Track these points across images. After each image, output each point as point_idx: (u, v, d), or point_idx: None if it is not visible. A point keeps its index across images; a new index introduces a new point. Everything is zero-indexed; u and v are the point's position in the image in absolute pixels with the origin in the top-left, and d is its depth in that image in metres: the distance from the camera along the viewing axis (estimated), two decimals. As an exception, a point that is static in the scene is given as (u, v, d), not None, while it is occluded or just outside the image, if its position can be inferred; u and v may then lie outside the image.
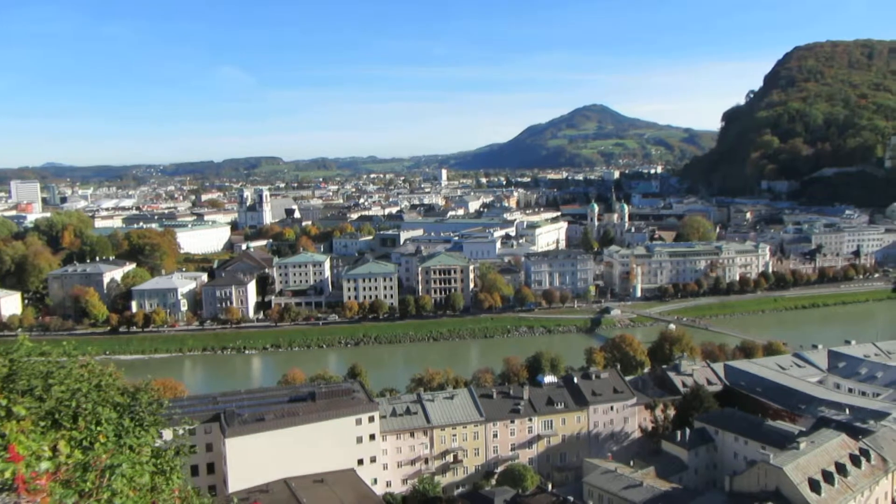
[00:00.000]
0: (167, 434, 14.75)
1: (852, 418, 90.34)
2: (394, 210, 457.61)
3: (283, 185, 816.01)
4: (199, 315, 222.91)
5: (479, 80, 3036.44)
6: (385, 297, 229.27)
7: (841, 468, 73.45)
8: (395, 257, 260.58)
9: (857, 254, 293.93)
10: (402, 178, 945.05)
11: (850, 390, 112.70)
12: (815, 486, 69.40)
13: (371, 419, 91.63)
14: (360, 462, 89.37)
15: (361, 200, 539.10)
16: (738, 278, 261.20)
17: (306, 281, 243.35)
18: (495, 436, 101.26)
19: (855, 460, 75.77)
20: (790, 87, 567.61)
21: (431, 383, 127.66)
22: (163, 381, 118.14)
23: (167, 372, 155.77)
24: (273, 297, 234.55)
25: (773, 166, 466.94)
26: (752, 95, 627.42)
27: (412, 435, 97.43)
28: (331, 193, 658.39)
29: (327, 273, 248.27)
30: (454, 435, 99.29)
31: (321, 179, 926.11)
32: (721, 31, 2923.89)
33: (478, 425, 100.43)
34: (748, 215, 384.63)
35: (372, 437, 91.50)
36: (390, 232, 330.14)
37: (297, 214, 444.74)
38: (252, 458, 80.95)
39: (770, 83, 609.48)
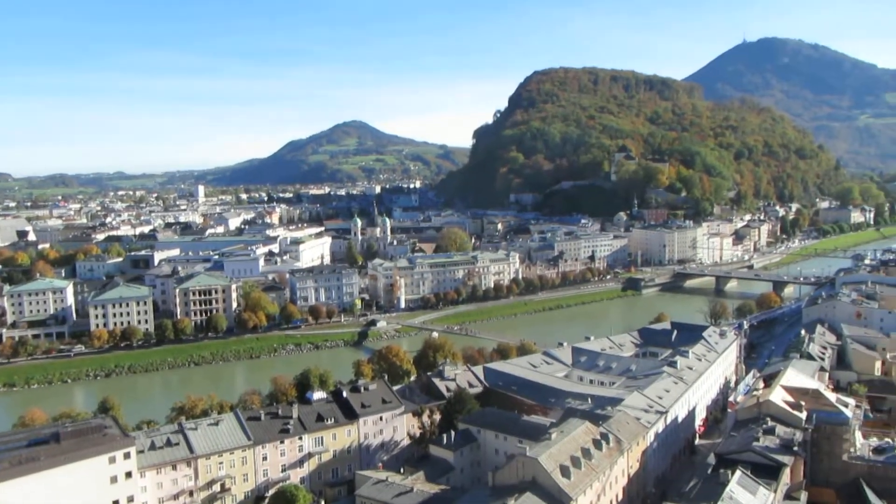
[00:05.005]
0: None
1: (594, 406, 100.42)
2: (146, 229, 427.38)
3: (13, 204, 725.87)
4: None
5: (237, 93, 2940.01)
6: (139, 322, 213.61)
7: (586, 453, 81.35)
8: (149, 279, 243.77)
9: (592, 258, 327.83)
10: (155, 194, 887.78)
11: (592, 381, 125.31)
12: (565, 471, 76.15)
13: (127, 456, 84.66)
14: (116, 503, 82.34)
15: (109, 220, 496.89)
16: (492, 285, 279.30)
17: (45, 310, 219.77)
18: (265, 458, 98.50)
19: (597, 444, 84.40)
20: (531, 107, 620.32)
21: (194, 410, 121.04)
22: None
23: None
24: (4, 330, 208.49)
25: (520, 180, 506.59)
26: (499, 115, 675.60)
27: (174, 468, 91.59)
28: (72, 213, 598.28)
29: (70, 300, 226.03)
30: (221, 462, 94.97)
31: (60, 197, 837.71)
32: (472, 53, 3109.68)
33: (246, 450, 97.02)
34: (499, 226, 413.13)
35: (128, 474, 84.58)
36: (143, 252, 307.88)
37: (31, 236, 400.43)
38: (-17, 515, 71.17)
39: (514, 104, 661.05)
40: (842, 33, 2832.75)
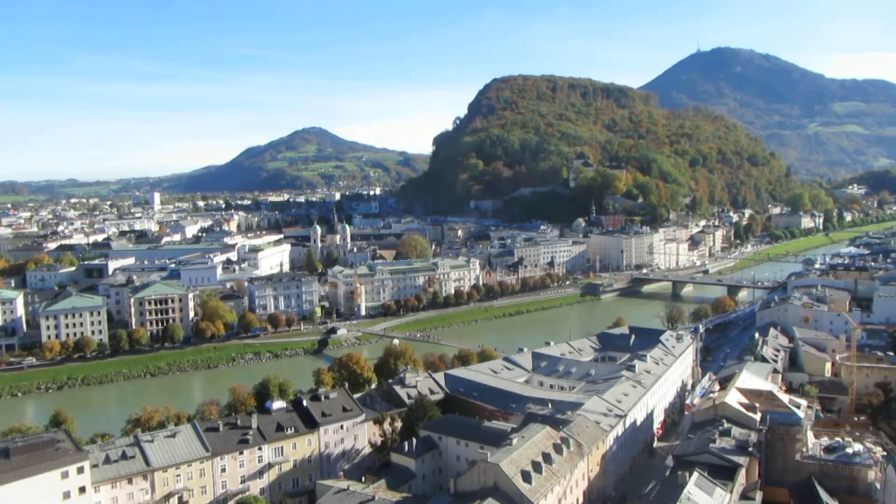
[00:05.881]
0: None
1: (554, 411, 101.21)
2: (100, 238, 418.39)
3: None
4: None
5: (194, 99, 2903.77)
6: (93, 333, 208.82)
7: (547, 457, 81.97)
8: (102, 289, 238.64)
9: (551, 264, 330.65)
10: (109, 202, 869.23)
11: (552, 386, 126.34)
12: (526, 476, 76.62)
13: (80, 470, 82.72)
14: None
15: (61, 228, 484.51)
16: (453, 292, 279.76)
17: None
18: (223, 470, 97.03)
19: (558, 449, 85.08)
20: (491, 114, 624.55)
21: (150, 422, 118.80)
22: None
23: None
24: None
25: (479, 187, 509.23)
26: (458, 121, 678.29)
27: (130, 481, 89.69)
28: (22, 221, 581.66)
29: (20, 311, 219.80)
30: (178, 475, 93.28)
31: (9, 206, 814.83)
32: (431, 60, 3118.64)
33: (204, 461, 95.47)
34: (459, 233, 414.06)
35: (82, 489, 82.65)
36: (97, 262, 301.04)
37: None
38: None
39: (474, 111, 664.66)
40: (791, 44, 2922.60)
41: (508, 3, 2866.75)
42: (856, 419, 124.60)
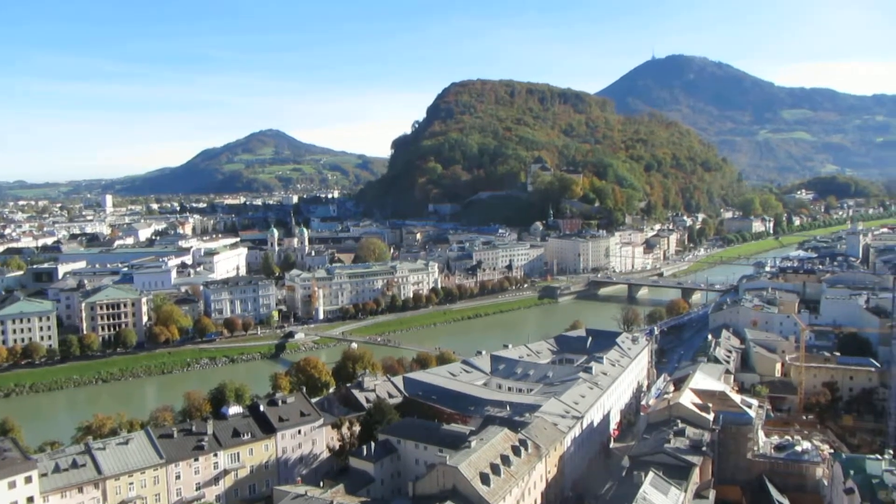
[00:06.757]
0: None
1: (512, 414, 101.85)
2: (50, 241, 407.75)
3: None
4: None
5: (149, 99, 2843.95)
6: (41, 338, 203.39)
7: (505, 459, 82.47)
8: (52, 293, 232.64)
9: (509, 267, 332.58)
10: (59, 205, 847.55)
11: (510, 389, 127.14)
12: (485, 479, 76.98)
13: (28, 480, 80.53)
14: (17, 530, 78.11)
15: (8, 231, 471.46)
16: (412, 295, 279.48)
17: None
18: (178, 477, 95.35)
19: (516, 451, 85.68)
20: (449, 118, 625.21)
21: (102, 430, 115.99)
22: None
23: None
24: None
25: (438, 190, 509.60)
26: (417, 125, 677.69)
27: (80, 490, 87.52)
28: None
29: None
30: (131, 483, 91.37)
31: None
32: (389, 63, 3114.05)
33: (157, 469, 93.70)
34: (418, 236, 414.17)
35: (30, 500, 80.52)
36: (46, 265, 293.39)
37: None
38: None
39: (432, 114, 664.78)
40: (743, 53, 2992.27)
41: (475, 8, 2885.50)
42: (804, 418, 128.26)
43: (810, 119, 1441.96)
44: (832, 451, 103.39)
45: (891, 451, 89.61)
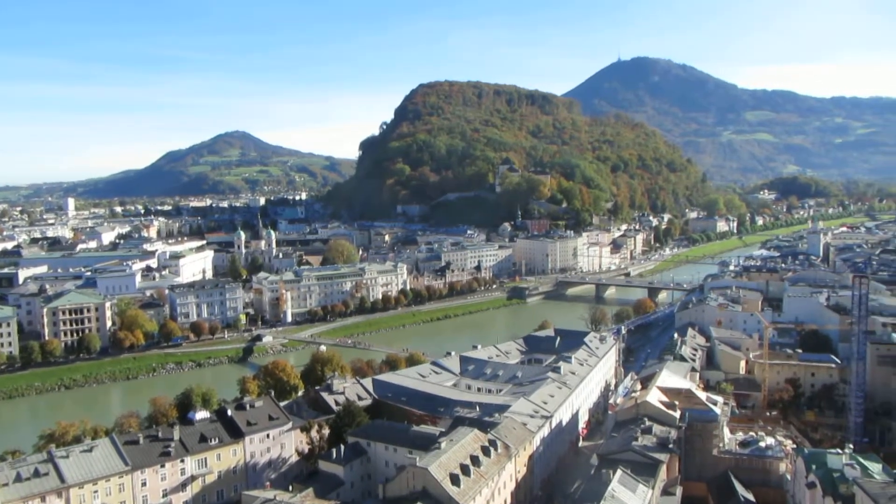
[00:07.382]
0: None
1: (482, 414, 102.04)
2: (10, 245, 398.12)
3: None
4: None
5: (111, 100, 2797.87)
6: (2, 345, 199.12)
7: (475, 460, 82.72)
8: (12, 299, 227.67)
9: (478, 268, 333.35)
10: (19, 208, 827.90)
11: (479, 389, 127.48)
12: (455, 479, 77.12)
13: (-12, 489, 78.89)
14: (-24, 542, 76.39)
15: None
16: (380, 297, 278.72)
17: None
18: (144, 484, 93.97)
19: (486, 451, 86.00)
20: (417, 120, 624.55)
21: (66, 437, 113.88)
22: None
23: None
24: None
25: (406, 192, 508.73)
26: (385, 127, 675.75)
27: (43, 500, 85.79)
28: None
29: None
30: (95, 491, 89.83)
31: None
32: (357, 65, 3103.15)
33: (123, 476, 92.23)
34: (387, 237, 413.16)
35: (-10, 509, 78.85)
36: (6, 270, 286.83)
37: None
38: None
39: (400, 116, 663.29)
40: (706, 55, 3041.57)
41: (440, 10, 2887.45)
42: (768, 414, 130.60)
43: (772, 121, 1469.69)
44: (795, 446, 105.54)
45: (851, 446, 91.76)
